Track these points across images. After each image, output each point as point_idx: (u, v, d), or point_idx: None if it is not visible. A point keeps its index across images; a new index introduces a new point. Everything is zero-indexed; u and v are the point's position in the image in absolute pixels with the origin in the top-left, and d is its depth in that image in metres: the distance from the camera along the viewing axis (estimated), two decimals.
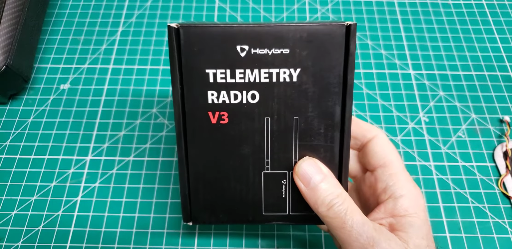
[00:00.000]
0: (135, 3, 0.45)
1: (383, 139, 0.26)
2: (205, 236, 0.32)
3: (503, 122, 0.38)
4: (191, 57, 0.22)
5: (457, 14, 0.45)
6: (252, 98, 0.23)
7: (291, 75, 0.22)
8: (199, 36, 0.22)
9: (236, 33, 0.22)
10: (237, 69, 0.22)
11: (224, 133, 0.23)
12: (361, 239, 0.21)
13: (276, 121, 0.23)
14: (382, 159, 0.25)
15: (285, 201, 0.25)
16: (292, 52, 0.22)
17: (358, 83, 0.40)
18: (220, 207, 0.25)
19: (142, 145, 0.36)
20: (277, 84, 0.23)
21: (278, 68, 0.22)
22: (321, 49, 0.22)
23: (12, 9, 0.37)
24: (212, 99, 0.23)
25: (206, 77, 0.22)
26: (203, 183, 0.25)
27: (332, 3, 0.46)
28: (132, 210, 0.33)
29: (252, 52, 0.22)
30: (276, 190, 0.24)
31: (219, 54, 0.22)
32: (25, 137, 0.37)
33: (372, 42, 0.43)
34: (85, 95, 0.39)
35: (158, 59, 0.41)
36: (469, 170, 0.35)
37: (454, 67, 0.41)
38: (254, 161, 0.24)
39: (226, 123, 0.23)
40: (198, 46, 0.22)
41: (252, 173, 0.24)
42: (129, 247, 0.32)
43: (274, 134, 0.23)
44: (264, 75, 0.22)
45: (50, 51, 0.42)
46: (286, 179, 0.24)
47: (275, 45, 0.22)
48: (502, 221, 0.33)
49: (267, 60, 0.22)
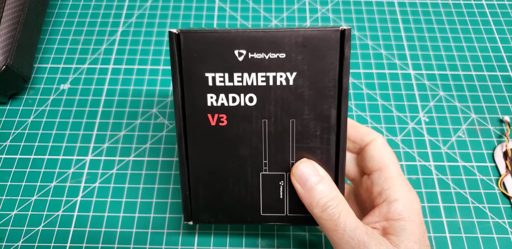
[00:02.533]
0: (135, 3, 0.45)
1: (380, 143, 0.26)
2: (205, 235, 0.32)
3: (503, 122, 0.38)
4: (191, 61, 0.23)
5: (457, 14, 0.45)
6: (250, 101, 0.23)
7: (287, 78, 0.23)
8: (198, 42, 0.23)
9: (233, 39, 0.22)
10: (235, 73, 0.23)
11: (223, 134, 0.24)
12: (352, 242, 0.21)
13: (273, 123, 0.24)
14: (379, 163, 0.26)
15: (283, 202, 0.25)
16: (288, 57, 0.23)
17: (358, 83, 0.40)
18: (220, 208, 0.25)
19: (142, 145, 0.36)
20: (274, 88, 0.23)
21: (275, 72, 0.23)
22: (316, 53, 0.23)
23: (12, 9, 0.37)
24: (211, 102, 0.23)
25: (205, 80, 0.23)
26: (203, 184, 0.25)
27: (332, 3, 0.46)
28: (132, 210, 0.33)
29: (249, 56, 0.23)
30: (274, 191, 0.25)
31: (217, 58, 0.23)
32: (25, 137, 0.37)
33: (372, 42, 0.43)
34: (85, 95, 0.39)
35: (158, 59, 0.41)
36: (469, 170, 0.35)
37: (454, 67, 0.41)
38: (252, 162, 0.24)
39: (225, 125, 0.24)
40: (198, 51, 0.23)
41: (250, 174, 0.24)
42: (129, 247, 0.32)
43: (272, 136, 0.24)
44: (261, 78, 0.23)
45: (50, 51, 0.42)
46: (284, 180, 0.25)
47: (272, 49, 0.23)
48: (502, 221, 0.33)
49: (264, 64, 0.23)
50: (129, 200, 0.34)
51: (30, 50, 0.39)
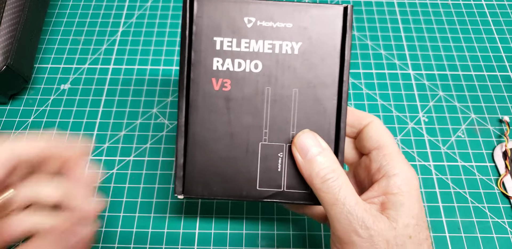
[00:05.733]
0: (136, 3, 0.45)
1: (378, 124, 0.26)
2: (205, 235, 0.32)
3: (502, 122, 0.38)
4: (202, 25, 0.24)
5: (456, 14, 0.45)
6: (255, 68, 0.24)
7: (292, 48, 0.24)
8: (211, 6, 0.24)
9: (245, 6, 0.24)
10: (243, 38, 0.24)
11: (225, 100, 0.24)
12: (350, 217, 0.21)
13: (277, 92, 0.24)
14: (377, 141, 0.25)
15: (281, 176, 0.24)
16: (295, 27, 0.24)
17: (357, 83, 0.40)
18: (215, 179, 0.24)
19: (142, 145, 0.37)
20: (279, 56, 0.24)
21: (281, 40, 0.24)
22: (321, 26, 0.24)
23: (13, 9, 0.37)
24: (217, 66, 0.24)
25: (213, 44, 0.24)
26: (200, 152, 0.24)
27: (332, 3, 0.46)
28: (132, 210, 0.33)
29: (258, 24, 0.24)
30: (272, 163, 0.24)
31: (228, 24, 0.24)
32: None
33: (372, 42, 0.43)
34: (85, 95, 0.39)
35: (158, 59, 0.41)
36: (469, 169, 0.36)
37: (454, 67, 0.41)
38: (253, 131, 0.24)
39: (228, 90, 0.24)
40: (209, 15, 0.24)
41: (250, 143, 0.24)
42: (129, 247, 0.32)
43: (274, 104, 0.24)
44: (268, 46, 0.24)
45: (50, 51, 0.42)
46: (283, 152, 0.24)
47: (280, 19, 0.24)
48: (502, 221, 0.33)
49: (271, 32, 0.24)
50: (130, 200, 0.34)
51: (30, 50, 0.39)
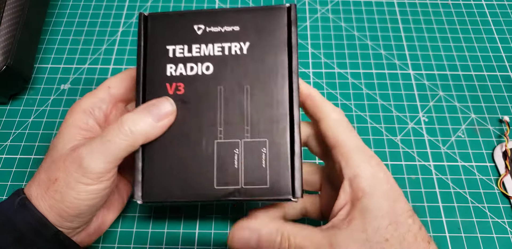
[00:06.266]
0: (136, 4, 0.45)
1: (332, 120, 0.25)
2: (205, 235, 0.32)
3: (502, 122, 0.38)
4: (155, 37, 0.26)
5: (456, 14, 0.45)
6: (207, 70, 0.26)
7: (241, 48, 0.26)
8: (163, 20, 0.26)
9: (193, 15, 0.26)
10: (194, 44, 0.26)
11: (181, 102, 0.25)
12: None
13: (229, 90, 0.25)
14: (333, 139, 0.25)
15: (238, 172, 0.24)
16: (242, 29, 0.26)
17: (357, 83, 0.40)
18: (174, 181, 0.24)
19: None
20: (229, 57, 0.26)
21: (230, 42, 0.26)
22: (267, 25, 0.26)
23: (13, 9, 0.37)
24: (170, 72, 0.26)
25: (166, 53, 0.26)
26: (158, 155, 0.25)
27: (332, 3, 0.46)
28: (132, 210, 0.33)
29: (207, 30, 0.26)
30: (229, 160, 0.24)
31: (179, 33, 0.26)
32: (26, 137, 0.37)
33: (371, 42, 0.43)
34: None
35: None
36: (469, 169, 0.36)
37: (454, 67, 0.41)
38: (208, 130, 0.25)
39: (182, 93, 0.25)
40: (162, 27, 0.26)
41: (206, 142, 0.25)
42: (129, 247, 0.32)
43: (227, 102, 0.25)
44: (218, 48, 0.26)
45: (50, 51, 0.42)
46: (239, 148, 0.25)
47: (227, 23, 0.26)
48: (502, 221, 0.33)
49: (220, 36, 0.26)
50: (130, 200, 0.34)
51: (30, 50, 0.39)
